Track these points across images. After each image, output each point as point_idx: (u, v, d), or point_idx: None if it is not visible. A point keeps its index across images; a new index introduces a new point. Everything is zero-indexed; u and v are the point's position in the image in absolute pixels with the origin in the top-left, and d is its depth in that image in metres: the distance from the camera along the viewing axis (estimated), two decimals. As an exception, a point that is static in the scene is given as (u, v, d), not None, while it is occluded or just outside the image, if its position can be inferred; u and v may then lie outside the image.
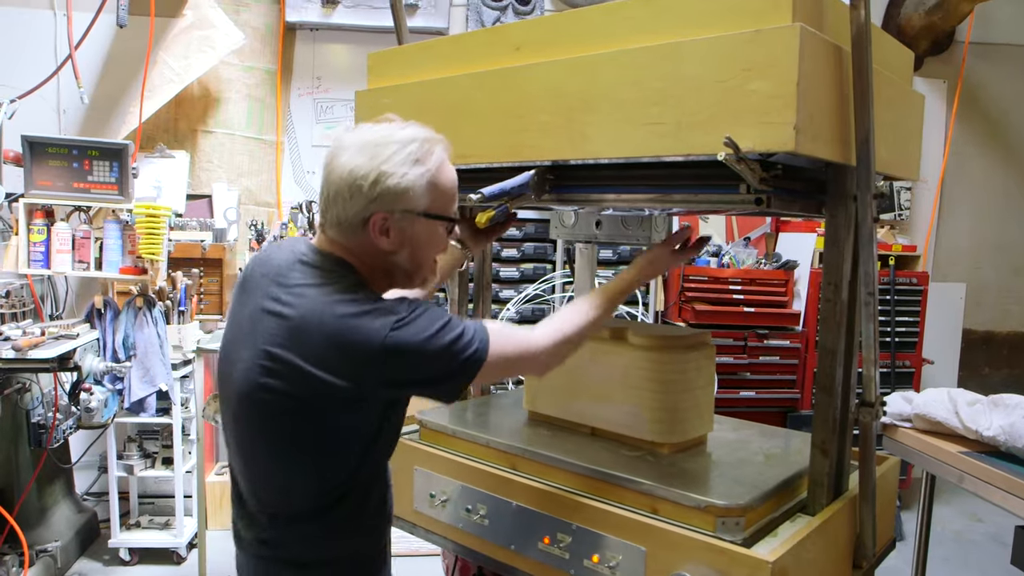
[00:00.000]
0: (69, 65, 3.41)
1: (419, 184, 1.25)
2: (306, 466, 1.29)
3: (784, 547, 1.29)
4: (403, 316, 1.23)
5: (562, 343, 1.38)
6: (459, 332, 1.27)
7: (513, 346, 1.32)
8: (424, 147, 1.27)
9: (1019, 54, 4.73)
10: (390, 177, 1.23)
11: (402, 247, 1.29)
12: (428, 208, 1.27)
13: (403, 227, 1.27)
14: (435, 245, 1.33)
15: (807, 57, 1.17)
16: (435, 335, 1.24)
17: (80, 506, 3.52)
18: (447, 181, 1.30)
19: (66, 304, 3.62)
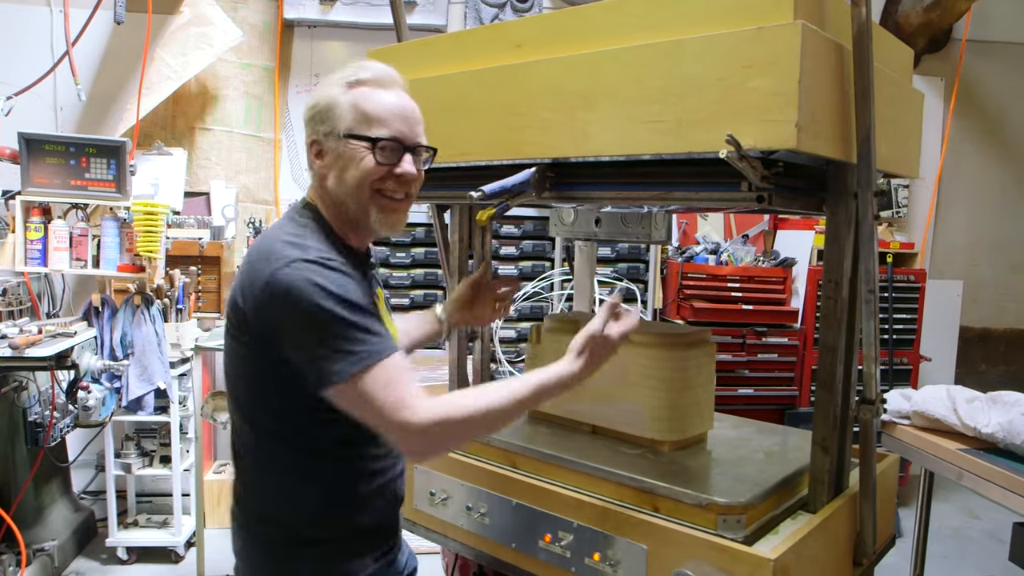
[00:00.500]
0: (66, 62, 3.40)
1: (342, 104, 1.28)
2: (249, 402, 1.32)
3: (785, 544, 1.29)
4: (310, 259, 1.19)
5: (444, 427, 1.18)
6: (359, 327, 1.17)
7: (387, 396, 1.16)
8: (354, 74, 1.30)
9: (1016, 51, 4.74)
10: (320, 99, 1.30)
11: (331, 170, 1.30)
12: (350, 127, 1.27)
13: (331, 148, 1.30)
14: (359, 169, 1.27)
15: (809, 55, 1.16)
16: (329, 300, 1.16)
17: (77, 505, 3.52)
18: (373, 104, 1.28)
19: (63, 302, 3.61)
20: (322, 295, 1.16)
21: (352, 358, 1.16)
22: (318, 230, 1.30)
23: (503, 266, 3.82)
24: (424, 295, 3.78)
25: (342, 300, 1.17)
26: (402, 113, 1.30)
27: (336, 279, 1.19)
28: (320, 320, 1.16)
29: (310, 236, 1.27)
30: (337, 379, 1.16)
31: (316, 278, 1.17)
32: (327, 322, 1.16)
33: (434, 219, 2.18)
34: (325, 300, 1.16)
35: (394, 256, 3.73)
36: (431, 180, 1.84)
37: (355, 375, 1.16)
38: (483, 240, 2.17)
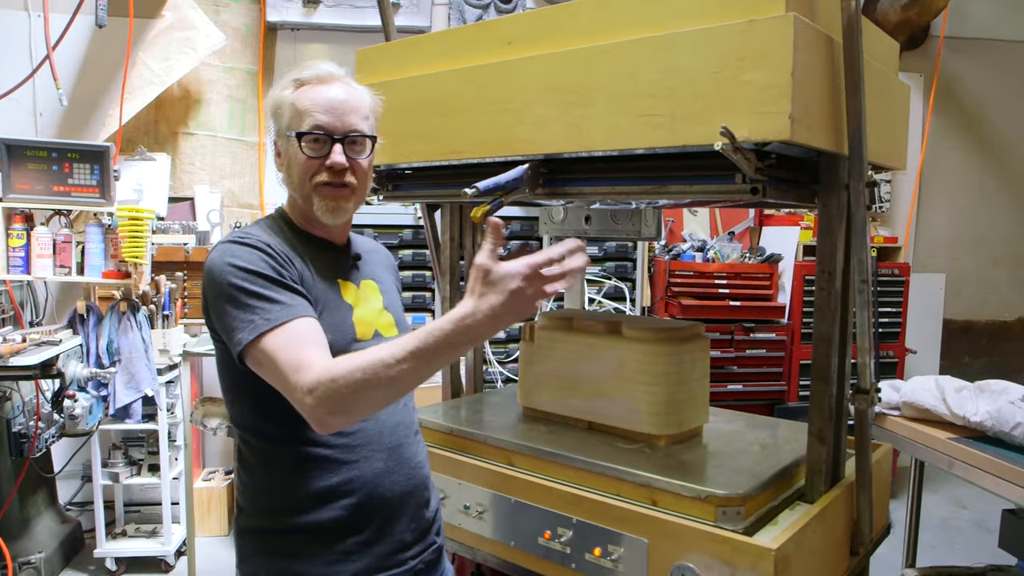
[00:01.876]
0: (46, 67, 3.36)
1: (285, 104, 1.33)
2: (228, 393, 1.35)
3: (786, 534, 1.30)
4: (227, 240, 1.28)
5: (330, 385, 1.10)
6: (256, 295, 1.20)
7: (283, 359, 1.15)
8: (300, 73, 1.35)
9: (992, 48, 4.81)
10: (272, 101, 1.36)
11: (282, 167, 1.37)
12: (287, 126, 1.33)
13: (281, 147, 1.36)
14: (296, 163, 1.32)
15: (801, 47, 1.17)
16: (230, 273, 1.22)
17: (64, 516, 3.47)
18: (304, 100, 1.31)
19: (46, 311, 3.55)
20: (227, 269, 1.23)
21: (250, 326, 1.19)
22: (271, 224, 1.37)
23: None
24: (412, 297, 3.76)
25: (241, 270, 1.22)
26: (328, 104, 1.31)
27: (241, 252, 1.24)
28: (223, 292, 1.22)
29: (256, 227, 1.36)
30: (239, 347, 1.19)
31: (224, 255, 1.24)
32: (227, 293, 1.22)
33: (424, 219, 2.18)
34: (227, 273, 1.22)
35: (382, 258, 3.72)
36: (421, 179, 1.85)
37: (253, 342, 1.18)
38: (475, 239, 2.17)
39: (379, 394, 1.12)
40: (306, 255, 1.33)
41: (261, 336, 1.17)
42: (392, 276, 1.56)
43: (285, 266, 1.26)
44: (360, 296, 1.40)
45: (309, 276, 1.31)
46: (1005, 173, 4.93)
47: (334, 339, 1.26)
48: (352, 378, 1.09)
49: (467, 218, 2.12)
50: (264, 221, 1.40)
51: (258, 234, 1.31)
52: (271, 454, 1.31)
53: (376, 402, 1.16)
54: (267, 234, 1.32)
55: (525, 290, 1.06)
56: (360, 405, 1.13)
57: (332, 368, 1.12)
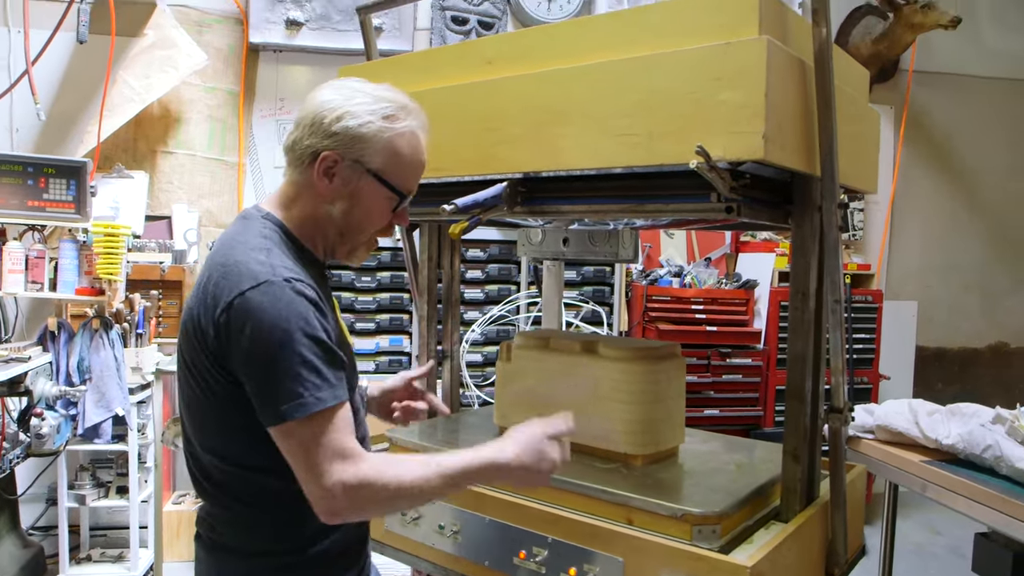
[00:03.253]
0: (23, 83, 3.33)
1: (379, 139, 1.20)
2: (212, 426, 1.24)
3: (761, 552, 1.30)
4: (280, 279, 1.12)
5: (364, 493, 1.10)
6: (312, 366, 1.10)
7: (332, 442, 1.10)
8: (397, 109, 1.23)
9: (958, 82, 4.96)
10: (354, 119, 1.19)
11: (338, 198, 1.23)
12: (380, 169, 1.22)
13: (348, 177, 1.22)
14: (373, 212, 1.24)
15: (774, 69, 1.20)
16: (291, 331, 1.09)
17: (26, 541, 3.37)
18: (409, 151, 1.24)
19: (16, 328, 3.49)
20: (294, 328, 1.10)
21: (296, 401, 1.09)
22: (282, 242, 1.23)
23: (469, 290, 3.82)
24: (390, 319, 3.75)
25: (308, 336, 1.11)
26: (423, 168, 1.29)
27: (296, 310, 1.11)
28: (275, 351, 1.09)
29: (275, 251, 1.20)
30: (282, 419, 1.10)
31: (291, 311, 1.11)
32: (281, 355, 1.10)
33: (403, 238, 2.18)
34: (293, 334, 1.10)
35: (359, 280, 3.71)
36: (401, 197, 1.85)
37: (293, 422, 1.10)
38: (452, 259, 2.18)
39: (399, 506, 1.20)
40: (316, 283, 1.22)
41: (310, 416, 1.09)
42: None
43: (327, 318, 1.18)
44: (340, 319, 1.36)
45: (330, 314, 1.22)
46: (974, 202, 5.06)
47: (358, 378, 1.30)
48: (388, 490, 1.11)
49: (445, 238, 2.12)
50: (274, 240, 1.22)
51: (288, 265, 1.16)
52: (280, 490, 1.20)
53: (392, 512, 1.24)
54: (295, 266, 1.18)
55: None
56: (380, 513, 1.21)
57: (376, 470, 1.11)
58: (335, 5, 3.90)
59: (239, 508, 1.25)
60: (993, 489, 2.02)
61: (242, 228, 1.24)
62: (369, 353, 3.72)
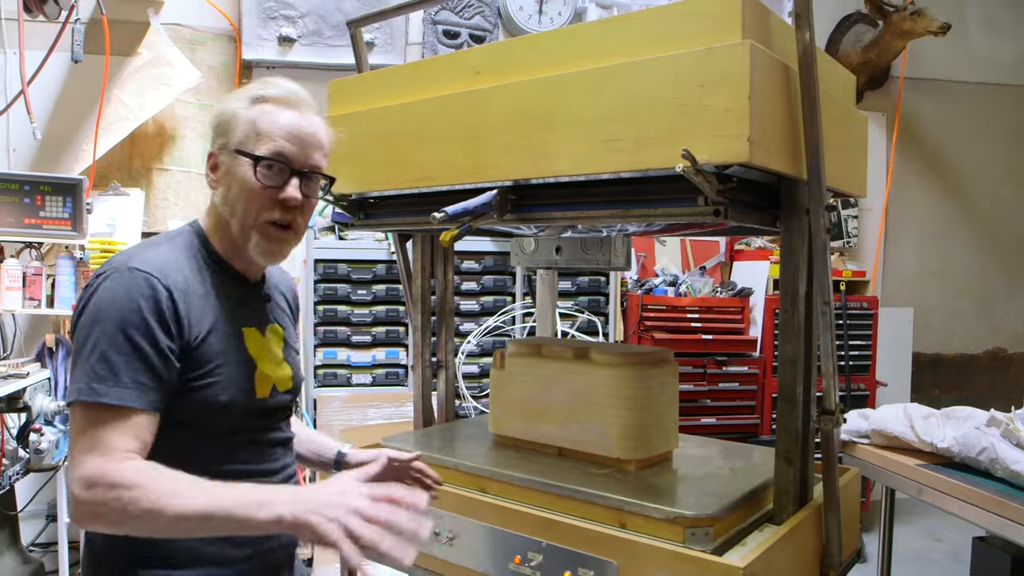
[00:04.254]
0: (19, 104, 3.35)
1: (240, 118, 1.24)
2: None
3: (754, 554, 1.30)
4: (128, 267, 1.14)
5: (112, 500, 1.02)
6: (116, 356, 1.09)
7: (94, 436, 1.07)
8: (265, 89, 1.26)
9: (947, 88, 5.00)
10: (223, 112, 1.27)
11: (219, 184, 1.26)
12: (241, 142, 1.23)
13: (224, 162, 1.26)
14: (245, 188, 1.22)
15: (758, 72, 1.22)
16: (102, 322, 1.10)
17: (26, 557, 3.36)
18: (267, 121, 1.23)
19: (14, 345, 3.50)
20: (101, 311, 1.11)
21: (77, 386, 1.10)
22: (187, 248, 1.25)
23: (464, 301, 3.83)
24: (386, 332, 3.76)
25: (116, 326, 1.10)
26: (296, 133, 1.24)
27: (127, 299, 1.11)
28: (89, 332, 1.11)
29: (162, 247, 1.22)
30: (73, 397, 1.10)
31: (114, 287, 1.13)
32: (90, 337, 1.11)
33: (396, 248, 2.19)
34: (104, 314, 1.11)
35: (355, 293, 3.72)
36: (393, 208, 1.87)
37: (76, 404, 1.10)
38: (446, 269, 2.19)
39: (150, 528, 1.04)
40: (217, 295, 1.24)
41: (96, 406, 1.08)
42: (291, 312, 1.50)
43: (178, 324, 1.16)
44: (264, 346, 1.33)
45: (211, 324, 1.22)
46: (967, 208, 5.08)
47: (233, 398, 1.22)
48: (131, 496, 1.01)
49: (439, 248, 2.14)
50: (180, 240, 1.26)
51: (168, 266, 1.18)
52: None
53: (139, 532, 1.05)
54: (181, 262, 1.21)
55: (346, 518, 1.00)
56: (118, 521, 1.03)
57: (133, 473, 1.03)
58: (327, 21, 3.93)
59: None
60: (988, 492, 2.03)
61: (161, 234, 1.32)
62: (366, 366, 3.73)
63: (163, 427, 1.15)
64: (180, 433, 1.18)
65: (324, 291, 3.67)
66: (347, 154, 1.82)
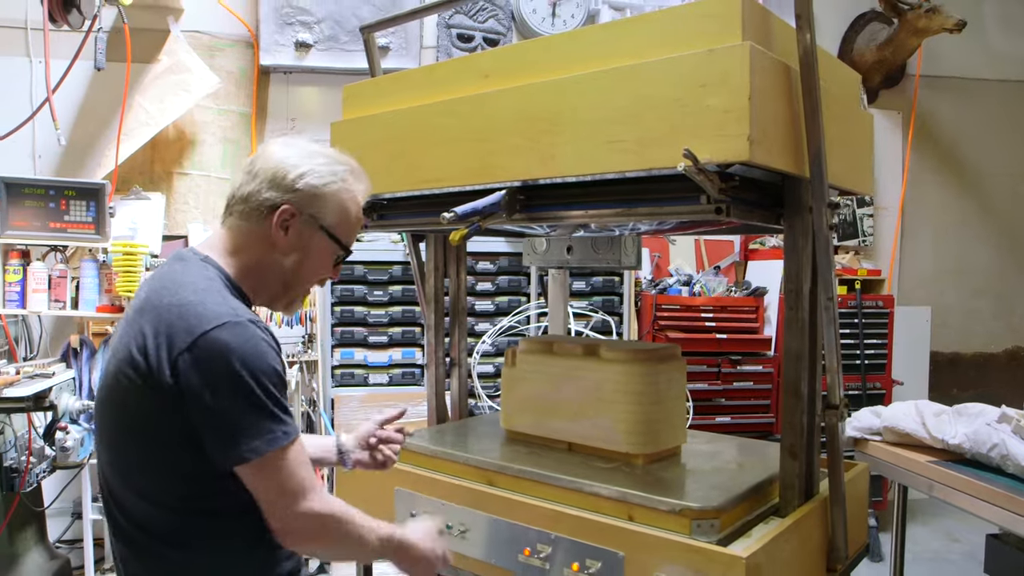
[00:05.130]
0: (44, 112, 3.44)
1: (335, 199, 1.31)
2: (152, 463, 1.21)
3: (758, 544, 1.33)
4: (243, 320, 1.17)
5: (325, 527, 1.23)
6: (280, 404, 1.18)
7: (301, 472, 1.20)
8: (349, 173, 1.35)
9: (964, 86, 4.96)
10: (315, 177, 1.29)
11: (293, 251, 1.30)
12: (332, 225, 1.32)
13: (303, 231, 1.30)
14: (319, 265, 1.35)
15: (758, 73, 1.25)
16: (262, 369, 1.16)
17: (53, 553, 3.44)
18: (355, 211, 1.36)
19: (40, 346, 3.58)
20: (254, 360, 1.15)
21: (269, 436, 1.16)
22: (224, 287, 1.26)
23: (479, 302, 3.87)
24: (402, 332, 3.81)
25: (271, 373, 1.17)
26: (360, 228, 1.40)
27: (264, 348, 1.18)
28: (246, 390, 1.14)
29: (226, 294, 1.24)
30: (252, 455, 1.15)
31: (248, 344, 1.15)
32: (252, 394, 1.15)
33: (409, 249, 2.23)
34: (257, 367, 1.15)
35: (371, 294, 3.77)
36: (406, 209, 1.91)
37: (270, 454, 1.16)
38: (458, 269, 2.23)
39: (339, 548, 1.31)
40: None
41: (279, 451, 1.17)
42: None
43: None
44: None
45: None
46: (984, 206, 5.04)
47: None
48: (343, 528, 1.25)
49: (451, 248, 2.18)
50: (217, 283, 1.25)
51: (241, 307, 1.22)
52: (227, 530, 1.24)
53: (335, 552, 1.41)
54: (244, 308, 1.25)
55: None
56: (333, 546, 1.29)
57: (342, 507, 1.26)
58: (342, 26, 3.99)
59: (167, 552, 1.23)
60: (999, 487, 2.03)
61: (182, 270, 1.26)
62: (382, 366, 3.78)
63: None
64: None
65: (341, 292, 3.73)
66: (361, 157, 1.86)
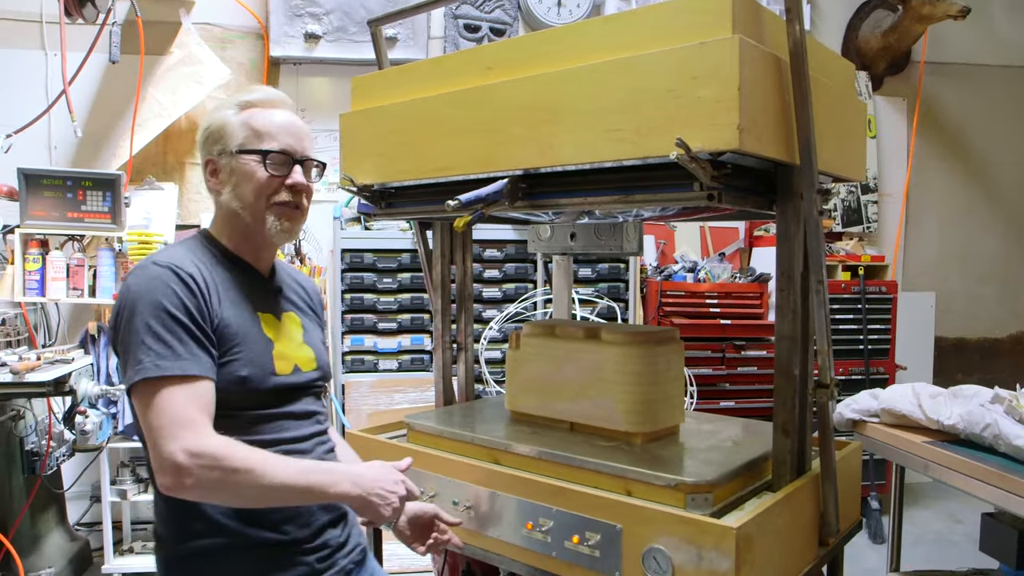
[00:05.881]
0: (60, 103, 3.52)
1: (233, 124, 1.40)
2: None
3: (748, 516, 1.39)
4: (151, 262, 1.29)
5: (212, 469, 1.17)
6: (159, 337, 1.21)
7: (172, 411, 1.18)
8: (247, 96, 1.44)
9: (969, 72, 4.97)
10: (213, 122, 1.43)
11: (224, 185, 1.41)
12: (241, 145, 1.40)
13: (224, 165, 1.41)
14: (253, 180, 1.39)
15: (747, 65, 1.30)
16: (162, 312, 1.23)
17: (73, 535, 3.55)
18: (262, 121, 1.41)
19: (58, 333, 3.68)
20: (149, 302, 1.24)
21: (139, 367, 1.20)
22: (197, 246, 1.40)
23: (487, 288, 3.93)
24: (411, 319, 3.88)
25: (163, 310, 1.24)
26: (290, 128, 1.43)
27: (165, 288, 1.25)
28: (137, 326, 1.23)
29: (175, 249, 1.38)
30: (135, 379, 1.20)
31: (150, 287, 1.26)
32: (142, 327, 1.23)
33: (417, 236, 2.29)
34: (147, 306, 1.24)
35: (381, 281, 3.84)
36: (413, 197, 1.97)
37: (152, 380, 1.20)
38: (464, 256, 2.29)
39: (248, 492, 1.20)
40: (231, 283, 1.38)
41: (163, 379, 1.20)
42: (313, 311, 1.62)
43: (206, 305, 1.29)
44: (281, 329, 1.46)
45: (229, 306, 1.35)
46: (990, 192, 5.06)
47: (252, 373, 1.34)
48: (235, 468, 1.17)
49: (457, 235, 2.24)
50: (190, 242, 1.42)
51: (184, 259, 1.32)
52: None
53: (233, 502, 1.26)
54: (193, 258, 1.35)
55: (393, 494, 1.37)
56: (227, 494, 1.20)
57: (227, 447, 1.18)
58: (351, 17, 4.05)
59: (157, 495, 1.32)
60: (991, 466, 2.08)
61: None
62: (392, 352, 3.85)
63: None
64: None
65: (351, 280, 3.80)
66: (369, 147, 1.93)
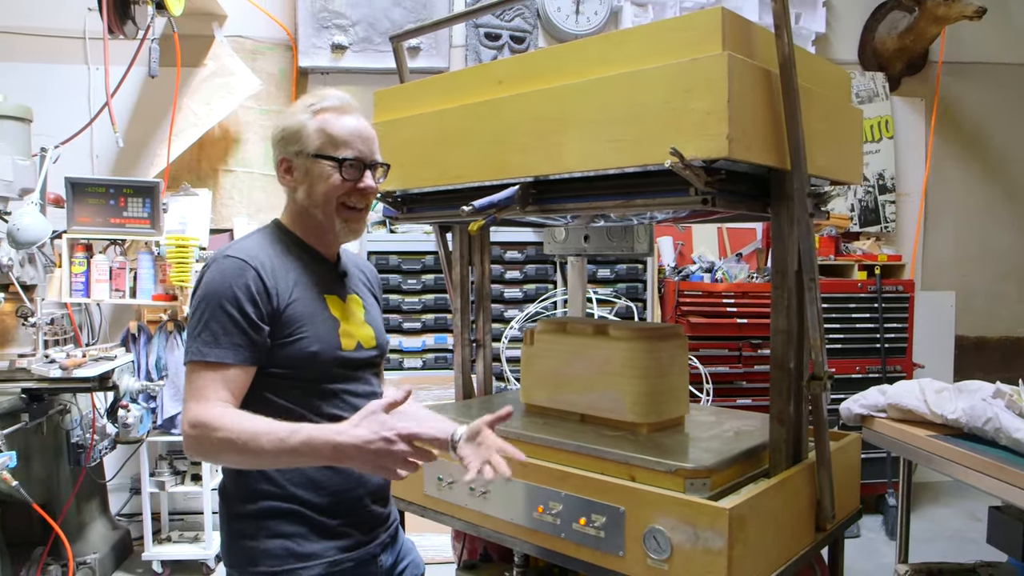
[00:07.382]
0: (104, 113, 3.70)
1: (309, 128, 1.50)
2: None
3: (741, 499, 1.49)
4: (224, 255, 1.45)
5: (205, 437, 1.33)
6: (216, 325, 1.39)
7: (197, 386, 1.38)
8: (321, 102, 1.52)
9: (989, 71, 4.97)
10: (289, 124, 1.52)
11: (300, 184, 1.52)
12: (318, 149, 1.49)
13: (300, 166, 1.51)
14: (327, 183, 1.50)
15: (736, 79, 1.40)
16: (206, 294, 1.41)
17: (114, 524, 3.74)
18: (337, 128, 1.50)
19: (100, 332, 3.87)
20: (208, 290, 1.42)
21: (189, 350, 1.41)
22: (270, 236, 1.54)
23: (508, 289, 4.05)
24: (435, 319, 4.01)
25: (211, 299, 1.41)
26: (362, 134, 1.53)
27: (219, 280, 1.42)
28: (195, 311, 1.43)
29: (250, 240, 1.52)
30: (190, 357, 1.41)
31: (214, 274, 1.43)
32: (197, 314, 1.42)
33: (437, 239, 2.42)
34: (206, 295, 1.42)
35: (405, 282, 3.97)
36: (432, 203, 2.10)
37: (188, 365, 1.41)
38: (482, 257, 2.41)
39: (238, 460, 1.37)
40: (302, 269, 1.53)
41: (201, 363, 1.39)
42: (373, 293, 1.75)
43: (270, 293, 1.44)
44: (346, 310, 1.60)
45: (300, 289, 1.50)
46: (1009, 190, 5.06)
47: (321, 349, 1.49)
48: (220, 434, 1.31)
49: (475, 238, 2.36)
50: (264, 231, 1.57)
51: (255, 250, 1.48)
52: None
53: (233, 464, 1.44)
54: (266, 247, 1.50)
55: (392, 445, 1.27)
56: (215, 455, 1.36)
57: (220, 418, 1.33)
58: (376, 28, 4.19)
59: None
60: (991, 459, 2.15)
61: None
62: (416, 351, 3.99)
63: (266, 380, 1.45)
64: (280, 384, 1.47)
65: (376, 281, 3.93)
66: (391, 155, 2.04)
